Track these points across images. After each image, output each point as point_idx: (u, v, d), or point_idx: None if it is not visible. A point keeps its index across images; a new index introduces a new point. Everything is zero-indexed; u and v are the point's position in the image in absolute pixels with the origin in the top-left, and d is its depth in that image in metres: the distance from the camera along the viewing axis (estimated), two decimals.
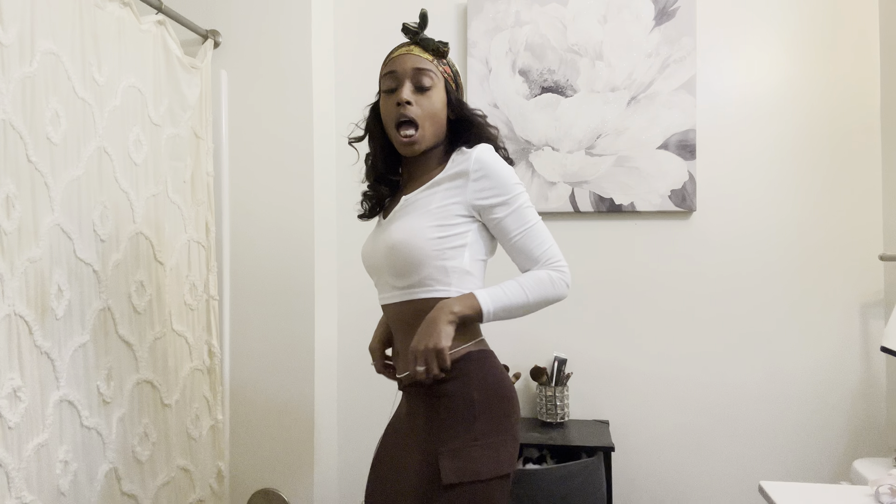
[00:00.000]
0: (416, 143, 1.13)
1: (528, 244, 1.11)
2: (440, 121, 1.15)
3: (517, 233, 1.11)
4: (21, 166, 1.24)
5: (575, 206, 2.01)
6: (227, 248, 1.99)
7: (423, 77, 1.12)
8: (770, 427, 1.94)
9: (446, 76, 1.16)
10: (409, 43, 1.16)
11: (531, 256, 1.12)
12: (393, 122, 1.13)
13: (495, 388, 1.10)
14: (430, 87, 1.12)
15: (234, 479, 1.99)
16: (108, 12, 1.51)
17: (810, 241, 1.94)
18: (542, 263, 1.11)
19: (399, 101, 1.11)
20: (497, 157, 1.13)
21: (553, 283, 1.10)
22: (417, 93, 1.12)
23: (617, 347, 2.02)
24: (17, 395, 1.21)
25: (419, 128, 1.12)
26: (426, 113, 1.12)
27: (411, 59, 1.13)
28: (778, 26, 1.95)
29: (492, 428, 1.06)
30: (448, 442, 1.04)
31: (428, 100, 1.12)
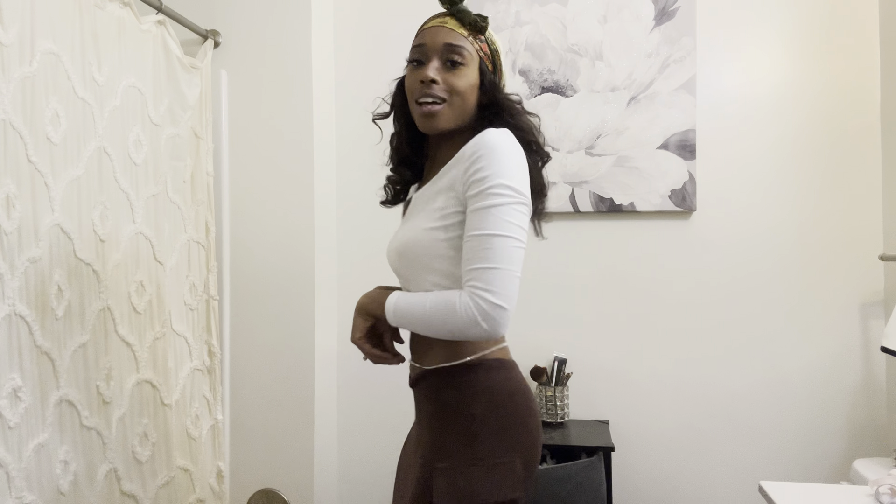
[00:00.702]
0: (436, 117, 0.99)
1: (469, 251, 0.90)
2: (468, 102, 1.01)
3: (470, 234, 0.90)
4: (21, 166, 1.24)
5: (575, 206, 2.01)
6: (227, 248, 1.99)
7: (454, 54, 1.00)
8: (770, 427, 1.94)
9: (482, 55, 1.03)
10: (445, 14, 1.04)
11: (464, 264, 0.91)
12: (415, 98, 1.02)
13: (503, 403, 0.96)
14: (462, 65, 1.00)
15: (234, 479, 1.99)
16: (108, 12, 1.51)
17: (810, 241, 1.94)
18: (465, 282, 0.90)
19: (423, 79, 0.99)
20: (508, 144, 0.93)
21: (455, 312, 0.89)
22: (446, 70, 1.00)
23: (617, 347, 2.02)
24: (18, 395, 1.21)
25: (443, 102, 0.99)
26: (453, 89, 0.99)
27: (443, 33, 1.01)
28: (778, 26, 1.95)
29: (496, 448, 0.94)
30: (445, 458, 0.94)
31: (456, 77, 0.99)
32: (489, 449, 0.93)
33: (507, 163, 0.91)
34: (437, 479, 0.92)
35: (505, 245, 0.88)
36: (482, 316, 0.87)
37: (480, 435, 0.94)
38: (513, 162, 0.92)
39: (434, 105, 0.99)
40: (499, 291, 0.87)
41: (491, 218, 0.89)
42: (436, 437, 0.97)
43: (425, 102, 0.99)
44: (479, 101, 1.03)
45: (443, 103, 0.99)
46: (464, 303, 0.89)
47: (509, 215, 0.89)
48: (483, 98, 1.03)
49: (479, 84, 1.02)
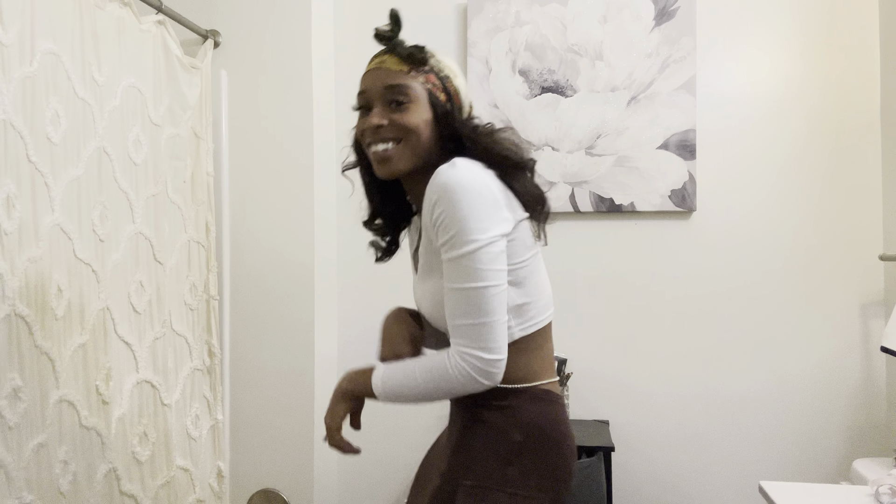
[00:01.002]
0: (391, 160, 0.94)
1: (449, 306, 0.88)
2: (423, 138, 0.94)
3: (448, 287, 0.88)
4: (21, 166, 1.24)
5: (575, 206, 2.01)
6: (227, 248, 1.99)
7: (396, 94, 0.94)
8: (770, 427, 1.94)
9: (430, 87, 0.96)
10: (383, 52, 1.00)
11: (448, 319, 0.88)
12: (366, 145, 0.98)
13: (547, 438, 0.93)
14: (406, 104, 0.94)
15: (234, 479, 1.99)
16: (108, 12, 1.51)
17: (810, 241, 1.94)
18: (451, 338, 0.88)
19: (368, 126, 0.95)
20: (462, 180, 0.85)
21: (449, 376, 0.86)
22: (392, 111, 0.94)
23: (617, 347, 2.02)
24: (17, 394, 1.21)
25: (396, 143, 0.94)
26: (403, 130, 0.94)
27: (382, 75, 0.96)
28: (778, 26, 1.95)
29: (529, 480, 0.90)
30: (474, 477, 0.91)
31: (404, 115, 0.93)
32: (522, 479, 0.90)
33: (465, 203, 0.85)
34: (461, 497, 0.90)
35: (482, 295, 0.85)
36: (478, 373, 0.86)
37: (515, 462, 0.91)
38: (470, 199, 0.85)
39: (386, 149, 0.94)
40: (488, 346, 0.85)
41: (462, 269, 0.85)
42: (468, 454, 0.94)
43: (376, 150, 0.95)
44: (439, 133, 0.96)
45: (396, 143, 0.94)
46: (455, 364, 0.86)
47: (480, 261, 0.85)
48: (443, 130, 0.96)
49: (434, 117, 0.95)
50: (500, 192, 0.89)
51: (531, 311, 0.94)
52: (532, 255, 0.94)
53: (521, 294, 0.92)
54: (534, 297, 0.94)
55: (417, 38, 1.09)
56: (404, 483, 2.11)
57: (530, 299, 0.94)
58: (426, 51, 0.97)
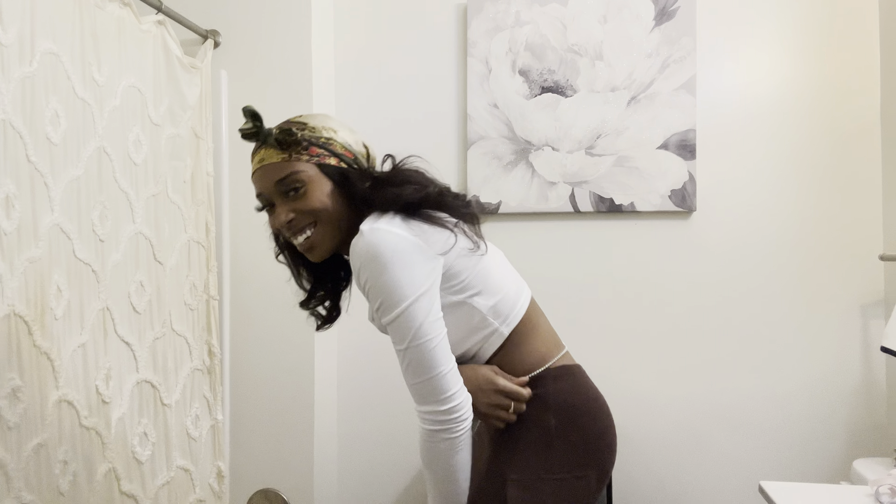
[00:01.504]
0: (317, 247, 0.98)
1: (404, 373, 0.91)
2: (335, 210, 0.96)
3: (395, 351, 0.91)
4: (21, 166, 1.24)
5: (575, 206, 2.01)
6: (227, 248, 1.99)
7: (288, 185, 0.94)
8: (770, 427, 1.94)
9: (316, 159, 0.95)
10: (258, 148, 0.98)
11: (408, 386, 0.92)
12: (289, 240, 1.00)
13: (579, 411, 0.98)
14: (301, 188, 0.94)
15: (234, 479, 1.99)
16: (108, 12, 1.51)
17: (810, 242, 1.94)
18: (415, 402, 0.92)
19: (280, 225, 0.97)
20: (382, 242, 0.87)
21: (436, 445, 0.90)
22: (293, 200, 0.95)
23: (617, 347, 2.02)
24: (17, 395, 1.21)
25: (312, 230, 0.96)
26: (312, 214, 0.95)
27: (268, 172, 0.95)
28: (778, 26, 1.95)
29: (571, 460, 0.95)
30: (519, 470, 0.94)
31: (306, 200, 0.94)
32: (564, 462, 0.94)
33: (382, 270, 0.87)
34: (510, 491, 0.92)
35: (423, 351, 0.88)
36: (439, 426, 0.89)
37: (555, 446, 0.94)
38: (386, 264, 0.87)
39: (308, 237, 0.96)
40: (440, 398, 0.88)
41: (399, 331, 0.89)
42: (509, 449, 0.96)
43: (301, 241, 0.97)
44: (347, 196, 0.97)
45: (313, 227, 0.96)
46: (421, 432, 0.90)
47: (412, 319, 0.88)
48: (349, 191, 0.97)
49: (335, 186, 0.96)
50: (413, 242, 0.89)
51: (506, 306, 0.98)
52: (477, 260, 0.96)
53: (488, 297, 0.96)
54: (500, 293, 0.98)
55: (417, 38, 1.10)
56: (404, 484, 2.11)
57: (498, 296, 0.97)
58: (293, 129, 0.95)
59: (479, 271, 0.96)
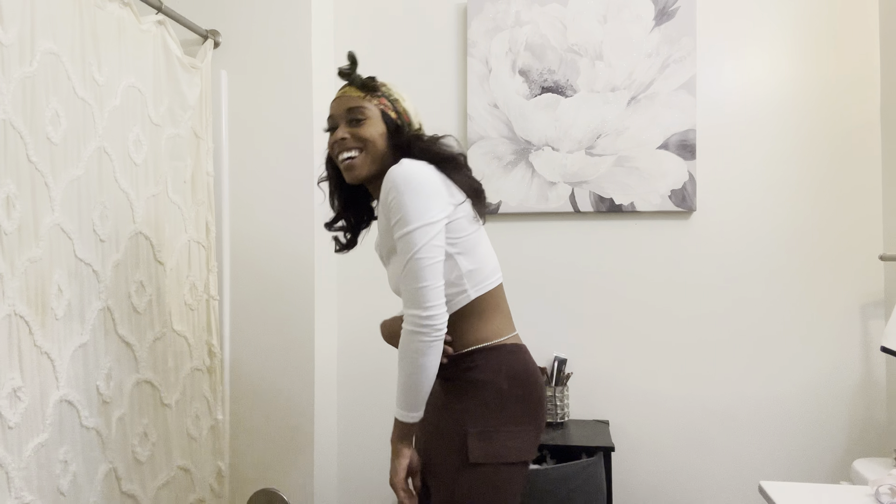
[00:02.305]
0: (355, 167, 1.18)
1: (402, 279, 1.08)
2: (379, 147, 1.18)
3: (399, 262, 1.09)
4: (21, 166, 1.24)
5: (575, 206, 2.01)
6: (227, 248, 1.99)
7: (354, 114, 1.18)
8: (770, 427, 1.94)
9: (382, 107, 1.20)
10: (345, 85, 1.24)
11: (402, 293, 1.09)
12: (335, 157, 1.21)
13: (524, 381, 1.15)
14: (363, 120, 1.18)
15: (234, 479, 1.99)
16: (108, 12, 1.51)
17: (810, 241, 1.94)
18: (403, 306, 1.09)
19: (335, 140, 1.19)
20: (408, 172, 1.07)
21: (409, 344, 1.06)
22: (352, 127, 1.18)
23: (617, 347, 2.02)
24: (17, 395, 1.21)
25: (357, 153, 1.18)
26: (362, 140, 1.17)
27: (344, 101, 1.21)
28: (778, 26, 1.95)
29: (519, 417, 1.13)
30: (478, 424, 1.11)
31: (362, 129, 1.18)
32: (514, 417, 1.12)
33: (407, 192, 1.06)
34: (471, 441, 1.09)
35: (420, 264, 1.05)
36: (418, 328, 1.05)
37: (507, 406, 1.12)
38: (414, 186, 1.06)
39: (351, 158, 1.18)
40: (424, 304, 1.05)
41: (406, 244, 1.06)
42: (467, 407, 1.12)
43: (344, 158, 1.18)
44: (392, 144, 1.19)
45: (359, 153, 1.18)
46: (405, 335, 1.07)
47: (419, 238, 1.05)
48: (395, 141, 1.19)
49: (388, 131, 1.19)
50: (439, 182, 1.10)
51: (481, 275, 1.15)
52: (474, 230, 1.16)
53: (470, 261, 1.14)
54: (480, 263, 1.16)
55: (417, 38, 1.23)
56: None
57: (478, 265, 1.15)
58: (377, 81, 1.22)
59: (471, 238, 1.14)
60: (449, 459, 1.11)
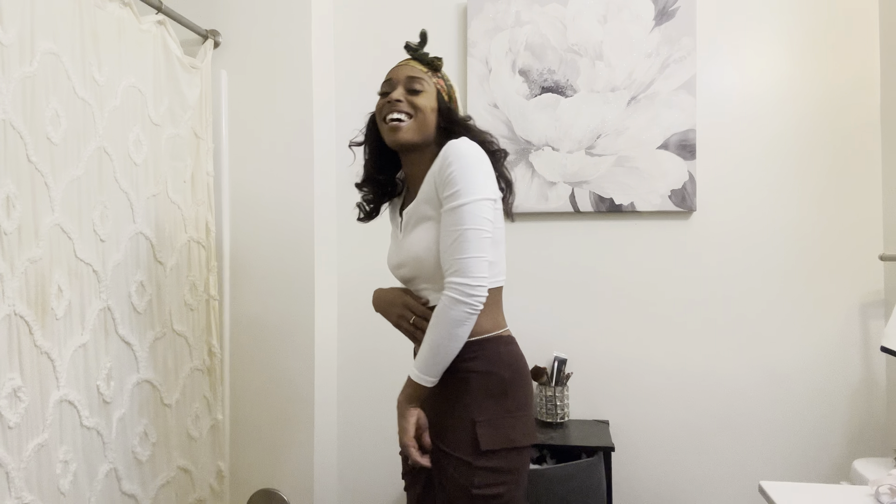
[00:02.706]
0: (400, 129, 1.18)
1: (445, 247, 1.10)
2: (428, 119, 1.20)
3: (446, 232, 1.10)
4: (21, 166, 1.24)
5: (575, 206, 2.01)
6: (227, 248, 1.99)
7: (414, 83, 1.21)
8: (770, 427, 1.94)
9: (439, 87, 1.24)
10: (409, 58, 1.27)
11: (443, 259, 1.10)
12: (383, 116, 1.22)
13: (521, 370, 1.21)
14: (421, 91, 1.21)
15: (234, 479, 1.99)
16: (108, 12, 1.51)
17: (810, 241, 1.94)
18: (446, 271, 1.10)
19: (390, 100, 1.20)
20: (472, 148, 1.11)
21: (450, 311, 1.08)
22: (409, 94, 1.21)
23: (617, 347, 2.02)
24: (17, 395, 1.21)
25: (408, 117, 1.19)
26: (415, 108, 1.20)
27: (406, 69, 1.23)
28: (778, 26, 1.95)
29: (520, 403, 1.17)
30: (484, 413, 1.13)
31: (417, 98, 1.20)
32: (516, 404, 1.16)
33: (470, 166, 1.09)
34: (480, 430, 1.11)
35: (473, 236, 1.08)
36: (463, 296, 1.07)
37: (509, 393, 1.15)
38: (476, 163, 1.10)
39: (399, 121, 1.19)
40: (471, 274, 1.07)
41: (461, 215, 1.08)
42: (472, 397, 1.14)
43: (393, 118, 1.19)
44: (438, 123, 1.22)
45: (407, 119, 1.19)
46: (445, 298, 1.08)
47: (476, 210, 1.08)
48: (441, 121, 1.22)
49: (438, 109, 1.22)
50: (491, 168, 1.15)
51: (497, 269, 1.19)
52: (502, 225, 1.19)
53: (494, 253, 1.16)
54: (500, 258, 1.20)
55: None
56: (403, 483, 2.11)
57: (498, 259, 1.19)
58: (441, 61, 1.26)
59: (500, 232, 1.18)
60: (459, 451, 1.12)
